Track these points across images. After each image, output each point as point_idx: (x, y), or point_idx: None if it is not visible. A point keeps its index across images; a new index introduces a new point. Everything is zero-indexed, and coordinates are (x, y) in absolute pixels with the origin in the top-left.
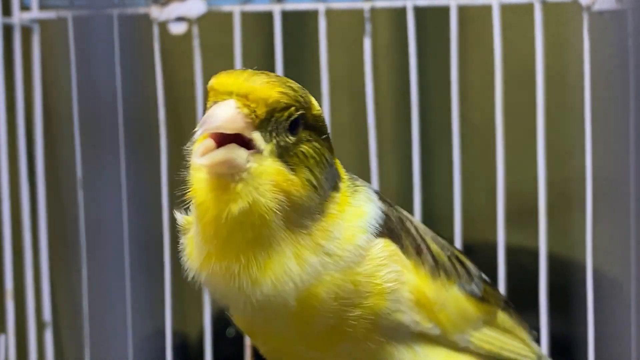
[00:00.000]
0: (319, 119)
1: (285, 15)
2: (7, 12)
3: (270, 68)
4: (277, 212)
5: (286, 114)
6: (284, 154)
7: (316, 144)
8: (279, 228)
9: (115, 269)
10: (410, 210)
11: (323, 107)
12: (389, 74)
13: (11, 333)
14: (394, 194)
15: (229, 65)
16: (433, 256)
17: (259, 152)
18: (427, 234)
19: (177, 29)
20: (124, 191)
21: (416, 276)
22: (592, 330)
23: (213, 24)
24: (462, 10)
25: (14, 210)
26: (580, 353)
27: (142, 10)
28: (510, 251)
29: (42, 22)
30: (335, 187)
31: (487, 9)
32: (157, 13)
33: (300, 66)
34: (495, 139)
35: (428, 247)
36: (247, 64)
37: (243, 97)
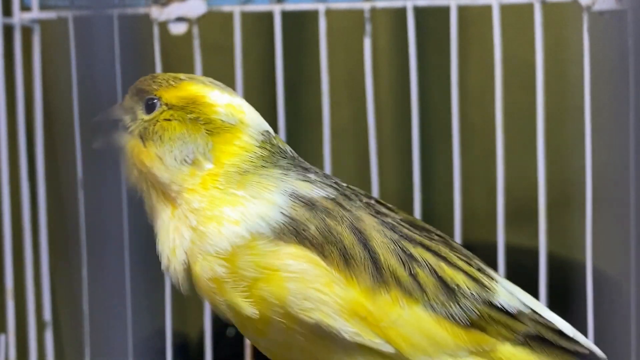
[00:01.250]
0: (192, 102)
1: (285, 15)
2: (8, 12)
3: (271, 68)
4: (146, 181)
5: (143, 98)
6: (143, 132)
7: (170, 123)
8: (158, 200)
9: (116, 269)
10: (410, 210)
11: (323, 107)
12: (389, 74)
13: (11, 333)
14: (394, 194)
15: (229, 65)
16: (380, 269)
17: (129, 132)
18: (389, 246)
19: (177, 29)
20: (124, 191)
21: (347, 286)
22: (592, 330)
23: (213, 24)
24: (462, 10)
25: (14, 209)
26: None
27: (142, 10)
28: (510, 251)
29: (43, 23)
30: (195, 162)
31: (487, 9)
32: (157, 13)
33: (300, 66)
34: (495, 139)
35: (375, 259)
36: (247, 64)
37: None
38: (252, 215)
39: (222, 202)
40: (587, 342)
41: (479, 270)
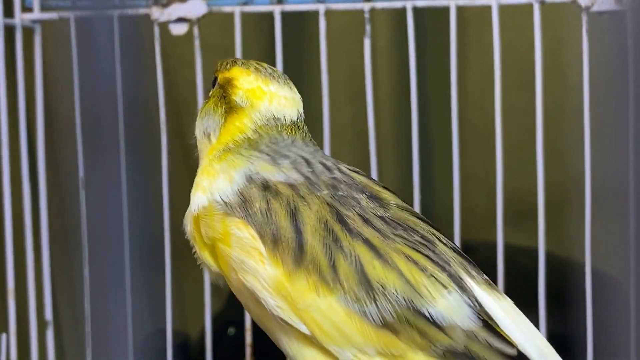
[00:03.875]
0: (228, 83)
1: (285, 15)
2: (9, 13)
3: None
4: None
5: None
6: (207, 101)
7: (213, 99)
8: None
9: (117, 268)
10: None
11: (323, 107)
12: (388, 75)
13: (12, 332)
14: None
15: None
16: (304, 254)
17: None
18: (321, 233)
19: (178, 29)
20: (124, 191)
21: (272, 263)
22: (591, 330)
23: (213, 25)
24: (461, 10)
25: (15, 209)
26: (579, 352)
27: (143, 11)
28: (509, 251)
29: (44, 23)
30: (208, 138)
31: (486, 9)
32: (157, 14)
33: (300, 66)
34: (494, 139)
35: (301, 245)
36: None
37: None
38: (214, 188)
39: (205, 173)
40: None
41: (432, 276)
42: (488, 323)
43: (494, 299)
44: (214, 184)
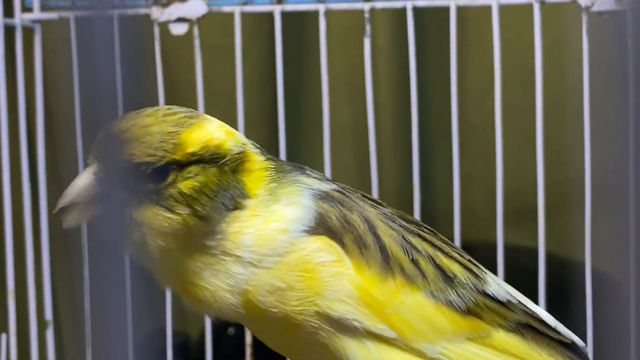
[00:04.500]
0: (201, 152)
1: (285, 15)
2: (9, 12)
3: (271, 68)
4: (173, 249)
5: (144, 168)
6: (163, 199)
7: (196, 179)
8: (187, 259)
9: (117, 268)
10: (410, 210)
11: (323, 107)
12: (388, 75)
13: (12, 332)
14: (394, 194)
15: (229, 66)
16: (387, 257)
17: (133, 204)
18: (392, 234)
19: (178, 29)
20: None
21: (358, 274)
22: (591, 330)
23: (213, 25)
24: (462, 10)
25: (15, 209)
26: None
27: (143, 11)
28: (509, 251)
29: (44, 23)
30: (238, 206)
31: (486, 9)
32: (157, 14)
33: (300, 66)
34: (494, 139)
35: (382, 247)
36: (247, 64)
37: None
38: (293, 220)
39: (268, 221)
40: (568, 332)
41: (470, 261)
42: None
43: (494, 276)
44: (290, 216)
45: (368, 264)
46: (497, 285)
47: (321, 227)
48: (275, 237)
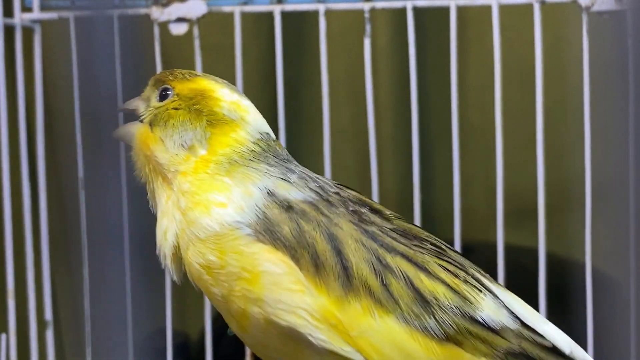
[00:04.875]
0: (200, 95)
1: (285, 15)
2: (9, 12)
3: (271, 68)
4: (148, 165)
5: (159, 87)
6: (154, 119)
7: (178, 112)
8: (158, 185)
9: (116, 268)
10: (410, 210)
11: (323, 107)
12: (389, 75)
13: (12, 332)
14: (394, 194)
15: (229, 66)
16: (350, 277)
17: (141, 119)
18: (363, 254)
19: (178, 29)
20: (124, 191)
21: (317, 291)
22: (591, 330)
23: (213, 25)
24: (462, 10)
25: (15, 209)
26: None
27: (142, 10)
28: (509, 251)
29: (44, 23)
30: (191, 149)
31: (487, 9)
32: (157, 14)
33: (300, 66)
34: (494, 140)
35: (346, 267)
36: (247, 64)
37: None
38: (236, 200)
39: (210, 187)
40: (586, 357)
41: (466, 282)
42: (521, 321)
43: (508, 296)
44: (234, 196)
45: (326, 283)
46: (496, 307)
47: (267, 234)
48: (211, 209)
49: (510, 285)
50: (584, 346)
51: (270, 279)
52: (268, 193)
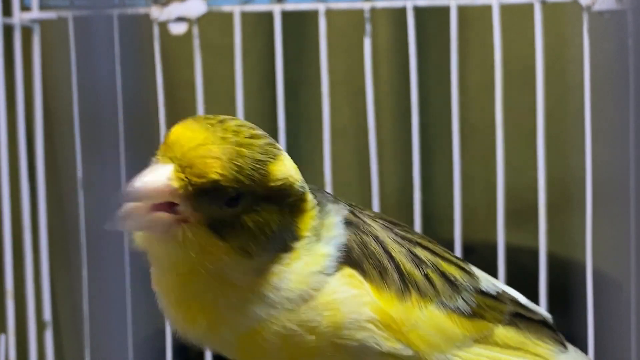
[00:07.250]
0: (277, 188)
1: (285, 15)
2: (8, 12)
3: (271, 68)
4: (204, 271)
5: (224, 191)
6: (217, 223)
7: (261, 215)
8: (210, 283)
9: (116, 269)
10: (410, 211)
11: (323, 107)
12: (389, 74)
13: (11, 333)
14: (394, 194)
15: (229, 65)
16: (402, 275)
17: (186, 220)
18: (401, 250)
19: (178, 29)
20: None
21: (379, 298)
22: (592, 330)
23: (213, 24)
24: (462, 10)
25: (14, 210)
26: None
27: (142, 10)
28: (510, 251)
29: (43, 23)
30: (285, 249)
31: (487, 9)
32: (157, 13)
33: (300, 66)
34: (495, 139)
35: (397, 267)
36: (247, 64)
37: (183, 167)
38: (327, 258)
39: (307, 267)
40: (540, 309)
41: (458, 258)
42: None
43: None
44: (321, 253)
45: (388, 287)
46: (485, 279)
47: (345, 258)
48: (308, 280)
49: (511, 285)
50: (584, 346)
51: (348, 302)
52: (341, 221)
